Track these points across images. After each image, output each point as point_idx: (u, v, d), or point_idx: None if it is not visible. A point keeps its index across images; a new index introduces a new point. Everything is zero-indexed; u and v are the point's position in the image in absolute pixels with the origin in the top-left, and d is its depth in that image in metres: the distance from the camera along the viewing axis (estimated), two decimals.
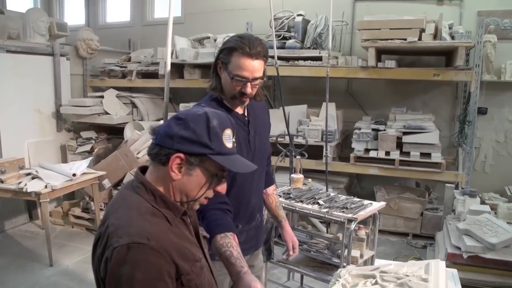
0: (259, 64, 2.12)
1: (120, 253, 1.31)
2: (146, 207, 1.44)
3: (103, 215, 1.52)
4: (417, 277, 2.00)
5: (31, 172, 5.11)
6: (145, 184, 1.49)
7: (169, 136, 1.44)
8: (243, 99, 2.17)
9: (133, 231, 1.35)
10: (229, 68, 2.11)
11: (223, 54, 2.14)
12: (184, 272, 1.40)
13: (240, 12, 7.13)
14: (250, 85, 2.12)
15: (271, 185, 2.68)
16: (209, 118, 1.46)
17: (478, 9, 5.88)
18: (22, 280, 4.53)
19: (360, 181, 6.70)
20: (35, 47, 6.26)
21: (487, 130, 6.06)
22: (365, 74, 5.52)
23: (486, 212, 4.27)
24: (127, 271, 1.30)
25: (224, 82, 2.18)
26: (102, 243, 1.40)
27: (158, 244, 1.34)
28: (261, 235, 2.56)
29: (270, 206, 2.69)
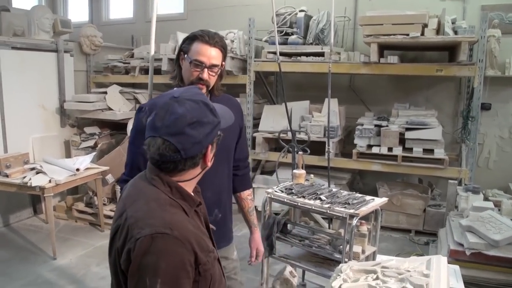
0: (216, 52, 2.25)
1: (143, 244, 1.33)
2: (164, 198, 1.47)
3: (119, 208, 1.53)
4: (418, 273, 2.01)
5: (35, 166, 5.15)
6: (160, 176, 1.50)
7: (196, 143, 1.45)
8: (199, 85, 2.23)
9: (155, 222, 1.37)
10: (189, 54, 2.24)
11: (185, 44, 2.29)
12: (201, 262, 1.42)
13: (242, 8, 7.13)
14: (207, 71, 2.23)
15: (247, 189, 2.69)
16: (206, 102, 1.50)
17: (481, 3, 5.86)
18: (26, 273, 4.57)
19: (363, 177, 6.71)
20: (40, 44, 6.28)
21: (491, 126, 6.04)
22: (367, 70, 5.51)
23: (490, 209, 4.27)
24: (151, 260, 1.32)
25: (184, 70, 2.29)
26: (122, 235, 1.42)
27: (180, 234, 1.37)
28: (223, 234, 2.50)
29: (242, 210, 2.71)
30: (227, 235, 2.56)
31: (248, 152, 2.72)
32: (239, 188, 2.64)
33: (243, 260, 2.82)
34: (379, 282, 1.98)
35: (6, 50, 5.78)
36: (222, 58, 2.30)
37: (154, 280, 1.31)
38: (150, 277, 1.32)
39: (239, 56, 6.05)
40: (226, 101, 2.41)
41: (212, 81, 2.29)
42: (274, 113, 6.18)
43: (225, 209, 2.48)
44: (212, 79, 2.28)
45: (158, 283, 1.31)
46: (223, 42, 2.30)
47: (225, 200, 2.48)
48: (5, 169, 5.00)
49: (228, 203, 2.53)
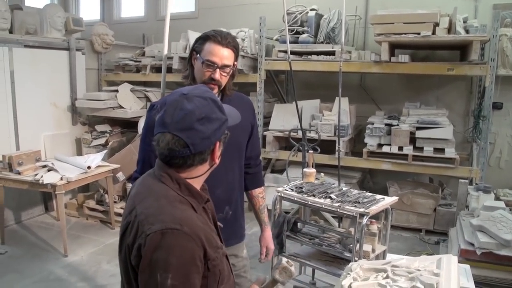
0: (228, 53, 2.27)
1: (154, 239, 1.35)
2: (173, 195, 1.49)
3: (128, 206, 1.55)
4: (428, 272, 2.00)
5: (47, 164, 5.18)
6: (169, 173, 1.52)
7: (205, 138, 1.47)
8: (211, 85, 2.25)
9: (165, 218, 1.39)
10: (201, 54, 2.27)
11: (197, 44, 2.32)
12: (210, 258, 1.44)
13: (253, 7, 7.13)
14: (219, 72, 2.25)
15: (259, 187, 2.71)
16: (215, 99, 1.53)
17: (493, 2, 5.81)
18: (37, 270, 4.61)
19: (373, 176, 6.69)
20: (52, 42, 6.33)
21: (502, 126, 6.00)
22: (378, 69, 5.50)
23: (501, 208, 4.24)
24: (162, 256, 1.34)
25: (196, 70, 2.31)
26: (132, 231, 1.43)
27: (190, 229, 1.39)
28: (234, 232, 2.53)
29: (254, 207, 2.73)
30: (238, 233, 2.58)
31: (260, 150, 2.73)
32: (250, 186, 2.66)
33: (254, 258, 2.83)
34: (389, 281, 1.98)
35: (19, 48, 5.84)
36: (234, 58, 2.31)
37: (165, 275, 1.33)
38: (161, 273, 1.34)
39: (249, 54, 6.06)
40: (238, 100, 2.46)
41: (224, 81, 2.31)
42: (284, 112, 6.18)
43: (236, 207, 2.49)
44: (224, 79, 2.30)
45: (169, 278, 1.33)
46: (235, 43, 2.31)
47: (236, 198, 2.49)
48: (17, 166, 5.04)
49: (239, 201, 2.54)
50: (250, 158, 2.60)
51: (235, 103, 2.40)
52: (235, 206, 2.49)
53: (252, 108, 2.62)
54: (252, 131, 2.56)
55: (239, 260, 2.55)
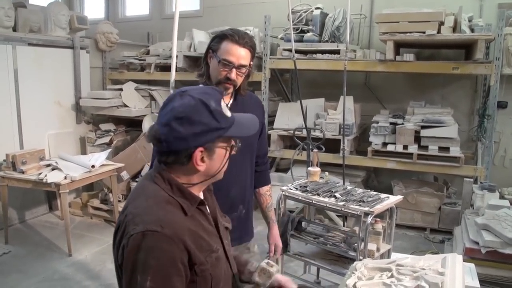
0: (245, 53, 2.27)
1: (135, 240, 1.35)
2: (162, 195, 1.47)
3: (124, 204, 1.55)
4: (433, 271, 2.00)
5: (51, 163, 5.18)
6: (162, 173, 1.51)
7: (180, 138, 1.42)
8: (226, 85, 2.26)
9: (148, 219, 1.38)
10: (218, 53, 2.25)
11: (214, 42, 2.30)
12: (197, 262, 1.42)
13: (258, 6, 7.13)
14: (235, 71, 2.25)
15: (266, 185, 2.73)
16: (206, 102, 1.45)
17: (498, 1, 5.80)
18: (42, 269, 4.61)
19: (378, 175, 6.68)
20: (56, 40, 6.33)
21: (507, 124, 5.98)
22: (383, 68, 5.48)
23: (505, 207, 4.23)
24: (141, 257, 1.34)
25: (212, 69, 2.30)
26: (121, 230, 1.44)
27: (171, 232, 1.37)
28: (247, 229, 2.57)
29: (261, 205, 2.75)
30: (250, 229, 2.62)
31: (267, 149, 2.76)
32: (258, 184, 2.67)
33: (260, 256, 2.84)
34: (394, 280, 1.97)
35: (23, 47, 5.84)
36: (250, 58, 2.31)
37: (144, 277, 1.33)
38: (140, 274, 1.34)
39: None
40: (249, 98, 2.47)
41: (240, 81, 2.32)
42: (289, 111, 6.17)
43: (248, 205, 2.53)
44: (240, 79, 2.30)
45: (148, 280, 1.33)
46: (252, 42, 2.31)
47: (248, 196, 2.52)
48: (21, 165, 5.04)
49: (251, 199, 2.57)
50: (258, 156, 2.61)
51: (247, 102, 2.44)
52: (248, 204, 2.52)
53: (262, 107, 2.63)
54: (261, 130, 2.57)
55: (252, 255, 2.57)
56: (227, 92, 2.31)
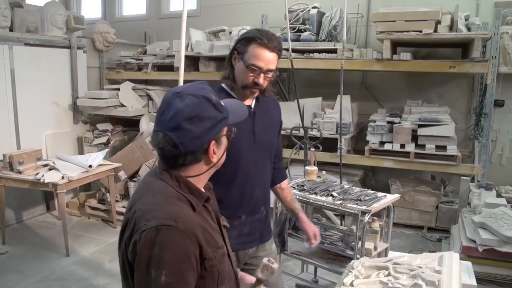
0: (274, 57, 2.20)
1: (149, 236, 1.35)
2: (171, 191, 1.48)
3: (129, 203, 1.55)
4: (430, 269, 2.00)
5: (48, 163, 5.18)
6: (169, 171, 1.52)
7: (195, 138, 1.44)
8: (253, 89, 2.23)
9: (160, 214, 1.39)
10: (245, 57, 2.18)
11: (240, 44, 2.22)
12: (207, 257, 1.43)
13: (255, 5, 7.13)
14: (263, 76, 2.19)
15: (284, 179, 2.70)
16: (208, 97, 1.48)
17: (495, 0, 5.80)
18: (39, 269, 4.61)
19: (375, 174, 6.69)
20: (53, 40, 6.32)
21: (504, 123, 5.99)
22: (380, 67, 5.49)
23: (502, 205, 4.25)
24: (156, 252, 1.34)
25: (237, 72, 2.24)
26: (130, 227, 1.44)
27: (185, 226, 1.38)
28: (266, 229, 2.54)
29: (285, 199, 2.71)
30: (270, 229, 2.60)
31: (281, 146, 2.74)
32: (278, 179, 2.66)
33: None
34: (391, 278, 1.98)
35: (19, 46, 5.83)
36: (277, 61, 2.26)
37: (159, 272, 1.33)
38: (155, 269, 1.33)
39: None
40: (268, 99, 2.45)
41: (266, 84, 2.28)
42: (286, 110, 6.14)
43: (268, 206, 2.52)
44: (266, 83, 2.27)
45: (163, 275, 1.33)
46: (280, 45, 2.25)
47: (269, 196, 2.52)
48: (18, 165, 5.03)
49: (269, 199, 2.56)
50: (275, 156, 2.60)
51: (267, 103, 2.44)
52: (268, 204, 2.52)
53: (278, 108, 2.61)
54: (280, 129, 2.58)
55: (268, 254, 2.53)
56: (253, 95, 2.28)
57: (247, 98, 2.30)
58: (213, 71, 6.31)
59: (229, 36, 6.30)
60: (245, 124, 2.24)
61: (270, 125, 2.43)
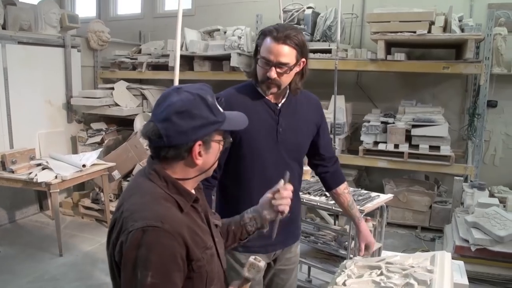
0: (285, 49, 2.10)
1: (135, 236, 1.35)
2: (159, 192, 1.48)
3: (118, 202, 1.54)
4: (422, 268, 2.01)
5: (41, 162, 5.16)
6: (157, 171, 1.51)
7: (181, 132, 1.44)
8: (269, 84, 2.16)
9: (147, 215, 1.39)
10: (260, 51, 2.15)
11: (259, 39, 2.18)
12: (194, 258, 1.43)
13: (250, 5, 7.13)
14: (274, 70, 2.11)
15: (342, 183, 2.57)
16: (203, 96, 1.48)
17: (488, 2, 5.84)
18: (32, 269, 4.59)
19: (369, 174, 6.70)
20: (47, 39, 6.30)
21: (497, 123, 6.03)
22: (374, 67, 5.51)
23: (495, 205, 4.27)
24: (142, 253, 1.34)
25: (257, 69, 2.20)
26: (117, 228, 1.43)
27: (171, 227, 1.38)
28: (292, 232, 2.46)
29: (342, 206, 2.61)
30: (295, 233, 2.52)
31: (333, 150, 2.61)
32: (333, 184, 2.56)
33: None
34: (383, 278, 1.99)
35: (12, 45, 5.80)
36: (296, 56, 2.14)
37: (145, 273, 1.33)
38: (141, 270, 1.33)
39: (246, 52, 6.05)
40: (304, 99, 2.39)
41: (284, 80, 2.17)
42: None
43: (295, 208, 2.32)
44: (283, 78, 2.16)
45: (149, 276, 1.33)
46: (297, 39, 2.12)
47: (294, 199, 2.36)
48: (11, 164, 5.01)
49: (297, 201, 2.45)
50: (324, 159, 2.52)
51: (301, 102, 2.36)
52: (294, 207, 2.32)
53: (318, 108, 2.50)
54: (318, 131, 2.45)
55: (293, 257, 2.52)
56: (270, 91, 2.21)
57: (271, 95, 2.26)
58: (208, 70, 6.31)
59: (224, 36, 6.29)
60: (267, 122, 2.24)
61: (300, 126, 2.34)
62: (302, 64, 2.20)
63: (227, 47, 6.02)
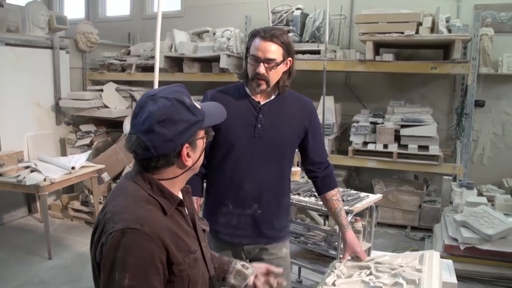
0: (272, 47, 2.24)
1: (114, 238, 1.35)
2: (142, 194, 1.47)
3: (104, 204, 1.54)
4: (411, 268, 2.03)
5: (30, 165, 5.11)
6: (142, 173, 1.51)
7: (167, 141, 1.43)
8: (258, 80, 2.27)
9: (127, 217, 1.38)
10: (250, 50, 2.30)
11: (249, 41, 2.34)
12: (175, 262, 1.43)
13: (238, 6, 7.13)
14: (262, 65, 2.24)
15: (330, 189, 2.57)
16: (181, 99, 1.47)
17: (475, 3, 5.90)
18: (21, 273, 4.55)
19: (359, 174, 6.73)
20: (35, 40, 6.26)
21: (485, 123, 6.08)
22: (363, 68, 5.54)
23: (483, 204, 4.31)
24: (120, 255, 1.33)
25: (248, 67, 2.33)
26: (99, 229, 1.43)
27: (151, 230, 1.37)
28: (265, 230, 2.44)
29: (330, 211, 2.62)
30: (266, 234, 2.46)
31: (324, 155, 2.61)
32: (322, 189, 2.58)
33: None
34: (372, 277, 2.00)
35: (0, 47, 5.75)
36: (282, 54, 2.27)
37: (122, 275, 1.33)
38: (119, 272, 1.33)
39: (235, 53, 6.06)
40: (293, 100, 2.45)
41: (272, 77, 2.28)
42: None
43: (268, 208, 2.42)
44: (271, 74, 2.27)
45: (126, 278, 1.32)
46: (283, 38, 2.27)
47: (269, 198, 2.42)
48: None
49: (275, 203, 2.46)
50: (314, 164, 2.53)
51: (289, 103, 2.42)
52: (267, 207, 2.42)
53: (308, 111, 2.52)
54: (306, 133, 2.46)
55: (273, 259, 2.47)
56: (259, 88, 2.30)
57: (258, 93, 2.36)
58: (197, 72, 6.30)
59: (213, 37, 6.29)
60: (247, 117, 2.34)
61: (282, 125, 2.38)
62: (289, 63, 2.33)
63: (216, 48, 6.02)
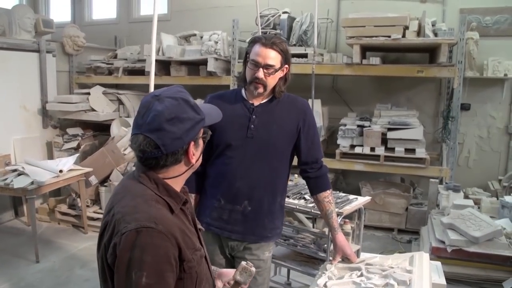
0: (272, 53, 2.36)
1: (129, 238, 1.36)
2: (150, 194, 1.49)
3: (108, 206, 1.55)
4: (401, 269, 2.05)
5: (17, 168, 5.08)
6: (147, 174, 1.53)
7: (176, 138, 1.47)
8: (256, 84, 2.38)
9: (140, 216, 1.40)
10: (250, 56, 2.40)
11: (248, 46, 2.44)
12: (186, 259, 1.45)
13: (226, 10, 7.14)
14: (261, 71, 2.34)
15: (323, 191, 2.59)
16: (186, 99, 1.52)
17: (460, 7, 5.97)
18: (8, 277, 4.51)
19: (346, 177, 6.76)
20: (21, 44, 6.22)
21: (470, 126, 6.15)
22: (350, 71, 5.57)
23: (470, 207, 4.33)
24: (136, 254, 1.34)
25: (246, 71, 2.43)
26: (109, 230, 1.44)
27: (165, 228, 1.39)
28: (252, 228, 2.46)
29: (321, 212, 2.64)
30: (256, 232, 2.49)
31: (318, 156, 2.64)
32: (314, 190, 2.62)
33: None
34: (364, 278, 2.02)
35: None
36: (280, 61, 2.38)
37: (139, 273, 1.34)
38: (135, 271, 1.34)
39: (223, 57, 6.07)
40: (287, 102, 2.52)
41: (270, 82, 2.39)
42: None
43: (259, 206, 2.45)
44: (269, 79, 2.38)
45: (144, 277, 1.34)
46: (282, 46, 2.39)
47: (260, 197, 2.45)
48: None
49: (266, 201, 2.48)
50: (306, 164, 2.58)
51: (282, 105, 2.50)
52: (258, 204, 2.45)
53: (302, 112, 2.55)
54: (299, 134, 2.51)
55: (255, 259, 2.47)
56: (257, 91, 2.40)
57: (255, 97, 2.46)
58: (185, 75, 6.30)
59: (200, 41, 6.30)
60: (241, 118, 2.42)
61: (275, 126, 2.45)
62: (286, 70, 2.44)
63: (203, 52, 6.03)
